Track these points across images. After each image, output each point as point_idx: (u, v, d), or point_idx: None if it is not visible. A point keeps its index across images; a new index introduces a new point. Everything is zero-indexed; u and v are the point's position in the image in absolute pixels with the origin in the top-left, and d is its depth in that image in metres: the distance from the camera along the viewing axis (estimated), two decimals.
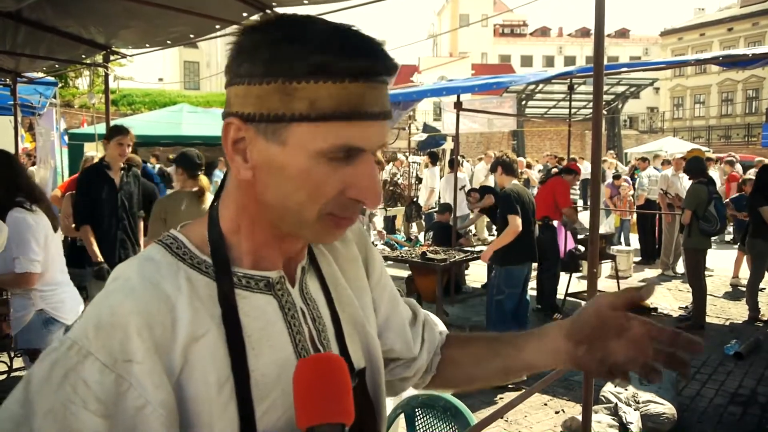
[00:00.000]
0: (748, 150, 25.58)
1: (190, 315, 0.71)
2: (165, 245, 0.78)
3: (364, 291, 0.96)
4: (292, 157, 0.70)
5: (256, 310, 0.77)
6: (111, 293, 0.71)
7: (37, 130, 10.23)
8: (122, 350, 0.66)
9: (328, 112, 0.68)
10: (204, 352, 0.71)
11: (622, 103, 20.29)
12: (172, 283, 0.73)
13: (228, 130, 0.73)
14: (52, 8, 3.63)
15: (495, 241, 5.05)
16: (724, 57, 6.42)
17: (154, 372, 0.67)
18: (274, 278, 0.80)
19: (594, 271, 2.76)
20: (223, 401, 0.71)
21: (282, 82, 0.68)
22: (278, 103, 0.69)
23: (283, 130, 0.70)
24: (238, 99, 0.72)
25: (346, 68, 0.68)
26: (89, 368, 0.65)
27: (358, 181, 0.72)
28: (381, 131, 0.73)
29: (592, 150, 2.65)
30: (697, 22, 43.32)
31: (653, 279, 9.06)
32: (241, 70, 0.71)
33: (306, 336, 0.81)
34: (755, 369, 5.26)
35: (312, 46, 0.68)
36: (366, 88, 0.69)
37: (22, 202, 2.99)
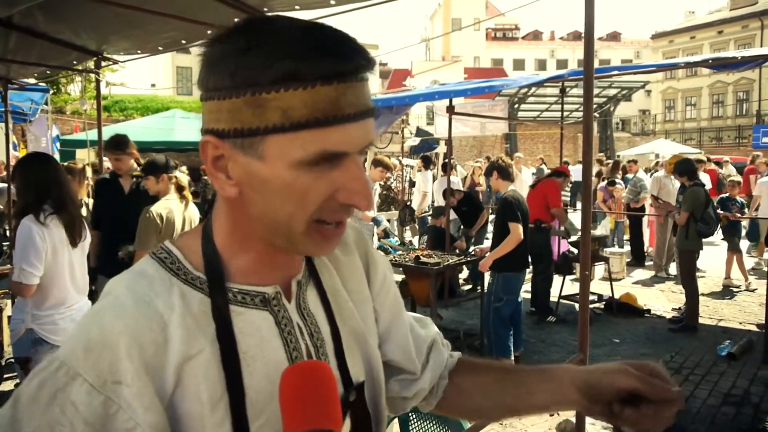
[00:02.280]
0: (740, 151, 25.74)
1: (183, 334, 0.70)
2: (159, 259, 0.76)
3: (365, 302, 0.93)
4: (273, 170, 0.67)
5: (251, 326, 0.75)
6: (101, 311, 0.69)
7: (28, 137, 10.20)
8: (111, 371, 0.65)
9: (302, 120, 0.65)
10: (197, 371, 0.69)
11: (614, 106, 20.40)
12: (165, 300, 0.71)
13: (205, 148, 0.71)
14: (44, 14, 3.61)
15: (497, 250, 5.01)
16: (714, 60, 6.46)
17: (144, 394, 0.65)
18: (269, 294, 0.78)
19: (586, 273, 2.77)
20: (217, 420, 0.69)
21: (252, 94, 0.65)
22: (251, 117, 0.66)
23: (259, 143, 0.67)
24: (212, 115, 0.69)
25: (316, 72, 0.64)
26: (77, 390, 0.64)
27: (346, 185, 0.69)
28: (363, 131, 0.69)
29: (583, 153, 2.66)
30: (688, 25, 43.60)
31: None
32: (210, 84, 0.69)
33: (303, 352, 0.79)
34: (748, 369, 5.29)
35: (278, 53, 0.65)
36: (341, 90, 0.66)
37: (40, 212, 2.96)
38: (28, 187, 3.02)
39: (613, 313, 7.12)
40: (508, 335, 5.00)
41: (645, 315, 7.11)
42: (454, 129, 7.76)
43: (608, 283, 7.39)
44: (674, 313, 7.07)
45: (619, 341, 6.13)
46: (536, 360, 5.57)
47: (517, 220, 4.96)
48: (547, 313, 6.93)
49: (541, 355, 5.72)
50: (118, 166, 4.42)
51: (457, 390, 1.03)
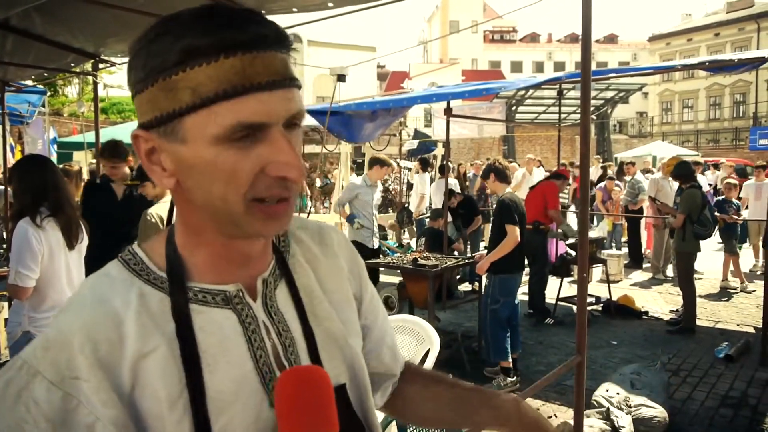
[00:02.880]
0: (737, 153, 25.83)
1: (138, 331, 0.70)
2: (123, 261, 0.77)
3: (347, 303, 0.92)
4: (196, 151, 0.67)
5: (212, 325, 0.74)
6: (63, 311, 0.71)
7: (25, 139, 10.18)
8: (69, 367, 0.66)
9: (210, 94, 0.65)
10: (153, 369, 0.69)
11: (612, 108, 20.43)
12: (122, 299, 0.71)
13: (137, 143, 0.72)
14: (41, 17, 3.60)
15: (494, 252, 5.00)
16: (710, 62, 6.48)
17: (101, 389, 0.66)
18: (231, 292, 0.77)
19: (584, 275, 2.77)
20: (176, 418, 0.69)
21: (162, 79, 0.66)
22: (165, 102, 0.67)
23: (178, 127, 0.67)
24: (138, 110, 0.71)
25: (215, 44, 0.65)
26: (38, 387, 0.65)
27: (274, 157, 0.68)
28: (283, 101, 0.68)
29: (581, 155, 2.66)
30: (685, 28, 43.72)
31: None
32: (131, 80, 0.70)
33: (269, 351, 0.78)
34: (746, 371, 5.30)
35: (180, 35, 0.66)
36: (246, 60, 0.66)
37: (37, 214, 2.95)
38: (24, 190, 3.01)
39: (610, 315, 7.12)
40: (506, 337, 4.99)
41: (643, 317, 7.12)
42: (451, 131, 7.77)
43: (606, 285, 7.40)
44: (672, 315, 7.07)
45: (616, 343, 6.13)
46: (534, 362, 5.57)
47: (514, 223, 4.95)
48: (544, 315, 6.93)
49: (538, 356, 5.72)
50: (113, 173, 4.37)
51: (402, 397, 1.08)
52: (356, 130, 7.98)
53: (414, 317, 3.94)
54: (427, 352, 3.56)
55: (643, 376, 4.35)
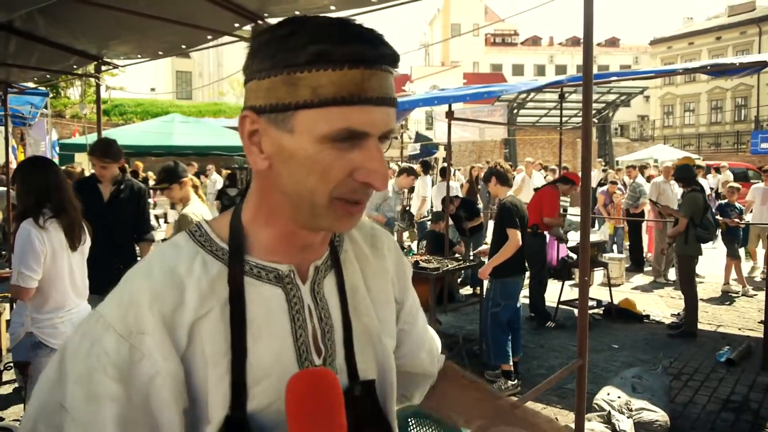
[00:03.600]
0: (738, 157, 25.80)
1: (197, 296, 0.77)
2: (190, 233, 0.85)
3: (387, 304, 0.98)
4: (300, 143, 0.74)
5: (261, 297, 0.81)
6: (136, 274, 0.79)
7: (27, 141, 10.20)
8: (137, 323, 0.74)
9: (329, 97, 0.72)
10: (205, 329, 0.77)
11: (613, 112, 20.43)
12: (187, 267, 0.79)
13: (243, 123, 0.79)
14: (44, 19, 3.62)
15: (496, 256, 4.98)
16: (712, 66, 6.48)
17: (163, 344, 0.74)
18: (283, 271, 0.84)
19: (585, 279, 2.77)
20: (218, 375, 0.76)
21: (287, 73, 0.73)
22: (284, 93, 0.74)
23: (290, 118, 0.74)
24: (251, 93, 0.78)
25: (344, 55, 0.72)
26: (109, 338, 0.74)
27: (364, 164, 0.75)
28: (385, 117, 0.76)
29: (582, 159, 2.66)
30: (686, 31, 43.72)
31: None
32: (254, 67, 0.77)
33: (309, 333, 0.84)
34: (747, 375, 5.29)
35: (312, 37, 0.72)
36: (365, 75, 0.73)
37: (39, 215, 2.96)
38: (27, 191, 3.02)
39: (612, 319, 7.11)
40: (507, 341, 4.98)
41: (644, 321, 7.10)
42: (453, 134, 7.77)
43: (607, 289, 7.39)
44: (673, 318, 7.06)
45: (618, 347, 6.13)
46: (535, 365, 5.56)
47: (515, 227, 4.94)
48: (545, 319, 6.92)
49: (540, 360, 5.72)
50: (102, 174, 4.16)
51: (437, 391, 1.14)
52: None
53: None
54: None
55: (644, 380, 4.34)
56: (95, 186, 4.22)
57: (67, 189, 3.15)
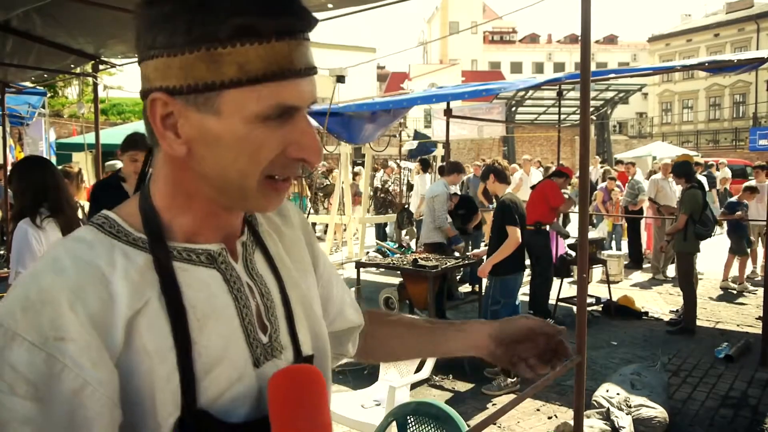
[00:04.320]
0: (736, 154, 25.82)
1: (128, 288, 0.68)
2: (97, 225, 0.74)
3: (308, 273, 0.95)
4: (229, 125, 0.68)
5: (198, 282, 0.74)
6: (39, 272, 0.67)
7: (24, 140, 10.19)
8: (53, 327, 0.62)
9: (259, 74, 0.67)
10: (145, 324, 0.68)
11: (611, 109, 20.46)
12: (106, 260, 0.69)
13: (154, 106, 0.70)
14: (41, 18, 3.61)
15: (495, 254, 4.97)
16: (710, 63, 6.48)
17: (91, 348, 0.63)
18: (215, 251, 0.77)
19: (584, 276, 2.77)
20: (165, 372, 0.68)
21: (207, 49, 0.66)
22: (205, 72, 0.67)
23: (215, 99, 0.68)
24: (158, 73, 0.69)
25: (271, 27, 0.67)
26: (16, 350, 0.61)
27: (297, 139, 0.71)
28: (310, 87, 0.72)
29: (580, 156, 2.66)
30: (684, 28, 43.75)
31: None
32: (156, 42, 0.68)
33: (253, 310, 0.79)
34: (746, 371, 5.30)
35: (234, 9, 0.66)
36: (292, 46, 0.69)
37: (36, 215, 2.96)
38: (24, 191, 3.02)
39: (611, 316, 7.12)
40: None
41: (643, 317, 7.12)
42: (451, 132, 7.78)
43: (606, 286, 7.40)
44: (672, 315, 7.07)
45: (616, 344, 6.14)
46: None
47: (514, 224, 4.93)
48: (545, 316, 6.93)
49: None
50: (136, 168, 4.02)
51: (368, 337, 1.13)
52: (356, 131, 7.99)
53: None
54: None
55: (643, 377, 4.35)
56: (120, 186, 4.18)
57: (64, 188, 3.15)
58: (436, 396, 4.79)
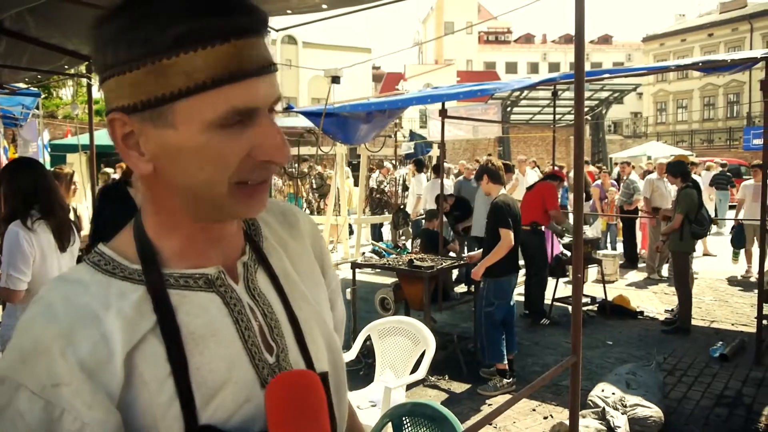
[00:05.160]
0: (731, 153, 25.92)
1: (121, 325, 0.68)
2: (93, 264, 0.74)
3: (318, 286, 0.93)
4: (186, 136, 0.67)
5: (197, 308, 0.74)
6: (33, 320, 0.68)
7: (18, 142, 10.15)
8: (49, 375, 0.64)
9: (207, 80, 0.65)
10: (142, 356, 0.69)
11: (606, 109, 20.49)
12: (100, 301, 0.70)
13: (113, 127, 0.70)
14: (34, 19, 3.60)
15: (488, 257, 4.94)
16: (704, 62, 6.50)
17: (83, 391, 0.65)
18: (212, 274, 0.77)
19: (579, 276, 2.77)
20: (164, 400, 0.68)
21: (152, 63, 0.65)
22: (154, 86, 0.65)
23: (168, 111, 0.66)
24: (113, 93, 0.68)
25: (212, 31, 0.64)
26: (21, 399, 0.64)
27: (261, 141, 0.69)
28: (268, 85, 0.69)
29: (575, 156, 2.67)
30: (678, 28, 43.92)
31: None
32: (107, 61, 0.67)
33: (256, 331, 0.78)
34: (740, 371, 5.31)
35: (170, 17, 0.64)
36: (239, 46, 0.66)
37: (27, 217, 2.94)
38: (14, 193, 3.00)
39: (606, 316, 7.14)
40: (501, 340, 4.96)
41: (638, 317, 7.13)
42: (447, 132, 7.78)
43: (601, 286, 7.41)
44: (667, 314, 7.09)
45: (612, 343, 6.15)
46: (530, 362, 5.57)
47: (507, 226, 4.89)
48: (540, 316, 6.94)
49: (534, 357, 5.73)
50: None
51: None
52: (351, 132, 7.99)
53: (410, 319, 3.94)
54: (423, 353, 3.57)
55: (638, 376, 4.36)
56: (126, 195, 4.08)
57: (55, 190, 3.14)
58: (432, 397, 4.79)
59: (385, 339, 3.85)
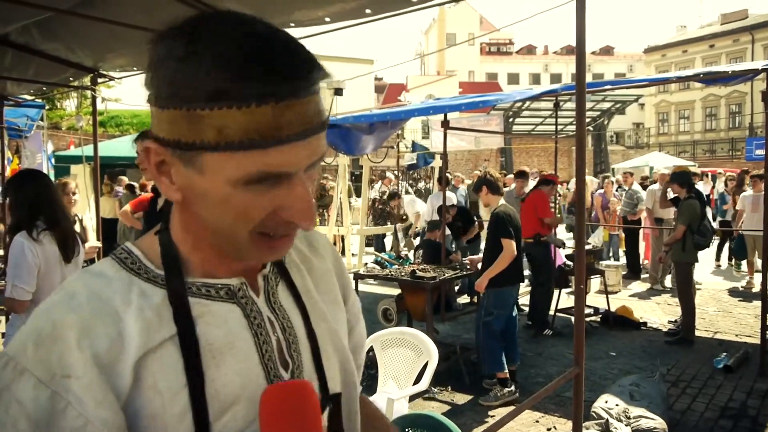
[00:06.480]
0: (733, 164, 25.91)
1: (141, 326, 0.68)
2: (119, 260, 0.74)
3: (337, 306, 0.92)
4: (212, 184, 0.66)
5: (217, 318, 0.73)
6: (54, 306, 0.68)
7: (23, 153, 10.19)
8: (60, 364, 0.63)
9: (236, 140, 0.62)
10: (158, 363, 0.68)
11: (608, 119, 20.54)
12: (122, 298, 0.69)
13: (148, 153, 0.70)
14: (40, 32, 3.64)
15: (491, 268, 4.91)
16: (705, 74, 6.52)
17: (94, 386, 0.63)
18: (235, 285, 0.76)
19: (582, 286, 2.77)
20: (177, 411, 0.67)
21: (187, 109, 0.63)
22: (187, 131, 0.64)
23: (197, 157, 0.65)
24: (155, 119, 0.68)
25: (249, 92, 0.61)
26: (23, 386, 0.62)
27: (289, 204, 0.68)
28: (308, 150, 0.66)
29: (576, 168, 2.68)
30: (680, 39, 44.04)
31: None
32: (152, 87, 0.66)
33: (274, 346, 0.77)
34: (745, 382, 5.28)
35: (211, 67, 0.61)
36: (278, 110, 0.62)
37: (33, 228, 2.97)
38: (20, 204, 3.03)
39: (609, 326, 7.11)
40: (500, 350, 4.91)
41: (641, 328, 7.11)
42: (449, 143, 7.80)
43: (604, 296, 7.39)
44: (670, 325, 7.06)
45: (615, 354, 6.12)
46: (533, 373, 5.55)
47: (509, 237, 4.87)
48: (543, 327, 6.92)
49: (537, 368, 5.71)
50: None
51: None
52: (354, 143, 8.01)
53: (412, 330, 3.94)
54: (426, 364, 3.56)
55: (642, 388, 4.34)
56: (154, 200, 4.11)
57: (60, 201, 3.17)
58: (435, 408, 4.77)
59: (388, 350, 3.84)
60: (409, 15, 3.31)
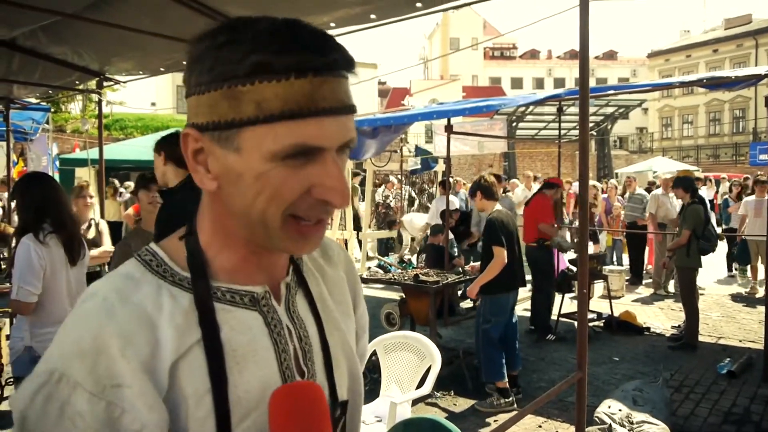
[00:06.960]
0: (737, 169, 25.87)
1: (173, 333, 0.69)
2: (144, 262, 0.75)
3: (348, 315, 0.94)
4: (248, 163, 0.68)
5: (241, 324, 0.75)
6: (90, 314, 0.68)
7: (28, 156, 10.24)
8: (109, 375, 0.64)
9: (275, 112, 0.66)
10: (186, 367, 0.69)
11: (612, 124, 20.49)
12: (153, 302, 0.71)
13: (186, 141, 0.72)
14: (46, 36, 3.66)
15: (482, 275, 4.90)
16: (708, 79, 6.52)
17: (146, 393, 0.66)
18: (259, 293, 0.78)
19: (584, 291, 2.78)
20: (201, 416, 0.69)
21: (227, 87, 0.67)
22: (227, 109, 0.67)
23: (235, 136, 0.68)
24: (192, 110, 0.71)
25: (288, 64, 0.65)
26: (79, 399, 0.63)
27: (322, 181, 0.69)
28: (340, 127, 0.69)
29: (580, 172, 2.69)
30: (684, 44, 43.99)
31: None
32: (192, 80, 0.70)
33: (291, 355, 0.78)
34: (748, 387, 5.27)
35: (252, 46, 0.66)
36: (316, 83, 0.67)
37: (39, 231, 2.99)
38: (26, 207, 3.05)
39: (612, 331, 7.10)
40: (500, 358, 4.88)
41: (644, 333, 7.09)
42: (452, 148, 7.80)
43: (607, 301, 7.38)
44: (674, 331, 7.05)
45: (618, 359, 6.11)
46: (536, 378, 5.55)
47: (500, 244, 4.82)
48: (546, 332, 6.91)
49: (540, 373, 5.70)
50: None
51: None
52: (358, 147, 8.03)
53: (415, 334, 3.94)
54: (429, 368, 3.56)
55: (645, 393, 4.34)
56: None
57: (66, 204, 3.19)
58: (438, 412, 4.77)
59: (391, 354, 3.85)
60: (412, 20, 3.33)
